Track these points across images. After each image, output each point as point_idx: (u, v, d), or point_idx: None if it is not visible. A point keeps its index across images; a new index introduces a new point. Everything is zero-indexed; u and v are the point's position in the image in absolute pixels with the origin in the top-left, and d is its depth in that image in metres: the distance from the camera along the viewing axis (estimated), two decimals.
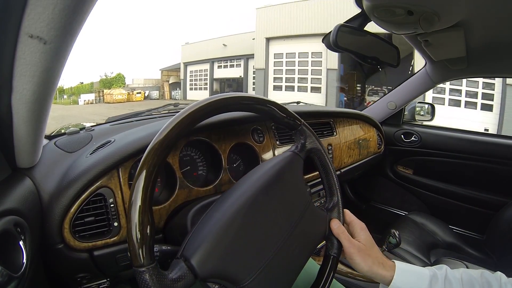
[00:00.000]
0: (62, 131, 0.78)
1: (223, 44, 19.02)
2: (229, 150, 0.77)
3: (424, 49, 1.00)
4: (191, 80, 22.91)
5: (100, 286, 0.62)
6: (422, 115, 1.66)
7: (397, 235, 0.95)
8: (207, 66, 20.94)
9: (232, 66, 19.40)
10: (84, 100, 26.18)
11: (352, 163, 1.32)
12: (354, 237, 0.53)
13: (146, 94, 27.03)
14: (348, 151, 1.27)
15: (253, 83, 16.63)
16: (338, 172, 1.22)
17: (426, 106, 1.70)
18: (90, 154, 0.62)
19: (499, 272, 0.51)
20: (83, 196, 0.55)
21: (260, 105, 0.48)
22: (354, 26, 0.76)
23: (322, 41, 0.81)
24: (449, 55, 1.08)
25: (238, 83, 19.64)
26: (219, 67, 20.39)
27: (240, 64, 18.43)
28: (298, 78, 13.62)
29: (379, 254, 0.52)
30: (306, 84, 13.38)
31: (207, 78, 21.17)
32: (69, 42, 0.38)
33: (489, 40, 0.88)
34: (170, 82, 26.69)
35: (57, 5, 0.33)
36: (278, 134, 0.93)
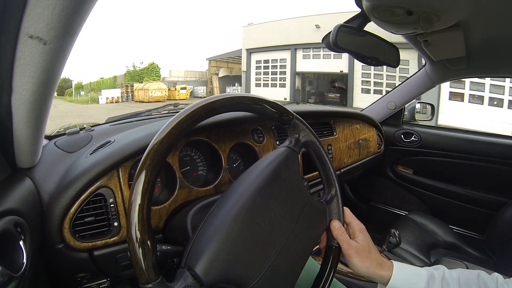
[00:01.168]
0: (62, 131, 0.78)
1: (316, 26, 13.07)
2: (229, 150, 0.77)
3: (423, 49, 1.00)
4: (257, 74, 15.96)
5: (100, 286, 0.63)
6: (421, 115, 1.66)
7: (397, 235, 0.95)
8: (285, 54, 14.67)
9: (327, 56, 13.34)
10: (107, 98, 19.62)
11: (352, 163, 1.32)
12: (353, 238, 0.54)
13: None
14: (348, 151, 1.27)
15: (363, 82, 11.93)
16: (338, 172, 1.22)
17: (426, 106, 1.70)
18: (90, 154, 0.62)
19: (495, 273, 0.52)
20: (83, 196, 0.55)
21: (253, 104, 0.48)
22: (353, 26, 0.76)
23: (322, 41, 0.81)
24: (449, 55, 1.08)
25: (319, 80, 14.27)
26: (305, 56, 14.24)
27: (340, 55, 12.35)
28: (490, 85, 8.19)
29: (377, 255, 0.52)
30: (503, 96, 8.20)
31: (285, 71, 14.67)
32: (68, 42, 0.38)
33: (488, 40, 0.88)
34: (220, 75, 19.80)
35: (56, 6, 0.33)
36: (278, 134, 0.93)
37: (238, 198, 0.44)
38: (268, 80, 15.81)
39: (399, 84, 1.56)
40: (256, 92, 14.42)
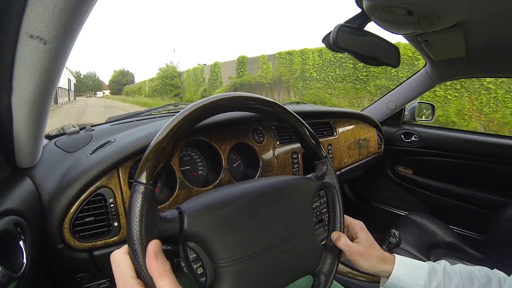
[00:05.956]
0: (62, 131, 0.78)
1: None
2: (229, 150, 0.77)
3: (424, 49, 1.00)
4: None
5: (100, 286, 0.63)
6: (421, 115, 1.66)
7: (397, 235, 0.95)
8: None
9: None
10: None
11: (352, 163, 1.32)
12: (354, 238, 0.55)
13: None
14: (348, 151, 1.27)
15: None
16: (338, 172, 1.22)
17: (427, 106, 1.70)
18: (90, 154, 0.62)
19: (496, 269, 0.53)
20: (83, 196, 0.55)
21: (294, 121, 0.52)
22: (354, 26, 0.75)
23: (322, 41, 0.81)
24: (449, 55, 1.08)
25: None
26: None
27: None
28: None
29: (380, 251, 0.54)
30: None
31: None
32: (69, 42, 0.38)
33: (488, 40, 0.88)
34: None
35: (57, 5, 0.33)
36: (278, 134, 0.93)
37: (253, 185, 0.47)
38: None
39: (399, 84, 1.56)
40: None
